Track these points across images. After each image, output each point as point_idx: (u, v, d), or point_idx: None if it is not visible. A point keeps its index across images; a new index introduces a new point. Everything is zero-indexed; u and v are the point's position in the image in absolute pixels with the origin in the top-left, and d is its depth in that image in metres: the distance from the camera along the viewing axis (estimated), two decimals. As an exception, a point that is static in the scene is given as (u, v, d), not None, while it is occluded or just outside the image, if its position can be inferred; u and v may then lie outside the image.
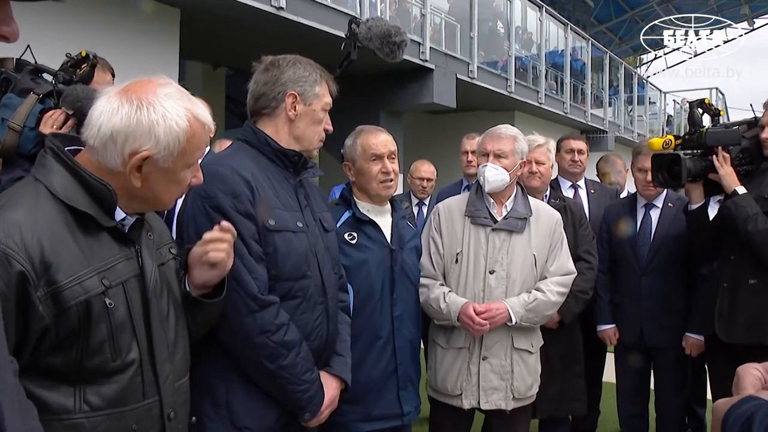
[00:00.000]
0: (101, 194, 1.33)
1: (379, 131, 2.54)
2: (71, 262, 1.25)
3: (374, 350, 2.39)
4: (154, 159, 1.34)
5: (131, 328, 1.35)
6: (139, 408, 1.36)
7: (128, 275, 1.36)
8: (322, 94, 1.96)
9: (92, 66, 2.01)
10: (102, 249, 1.32)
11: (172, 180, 1.41)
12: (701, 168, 2.87)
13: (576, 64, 14.78)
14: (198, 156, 1.43)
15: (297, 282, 1.88)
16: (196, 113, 1.40)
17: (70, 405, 1.26)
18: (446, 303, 2.62)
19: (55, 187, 1.30)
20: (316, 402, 1.88)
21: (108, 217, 1.35)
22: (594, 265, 3.33)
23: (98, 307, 1.27)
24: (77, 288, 1.24)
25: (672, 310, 3.30)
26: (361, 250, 2.41)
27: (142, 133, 1.32)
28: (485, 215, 2.71)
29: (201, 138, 1.41)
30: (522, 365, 2.70)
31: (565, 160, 4.03)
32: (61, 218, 1.28)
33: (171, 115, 1.35)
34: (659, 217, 3.40)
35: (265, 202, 1.84)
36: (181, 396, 1.49)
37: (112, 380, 1.31)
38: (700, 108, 2.96)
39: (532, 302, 2.64)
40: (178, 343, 1.50)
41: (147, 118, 1.32)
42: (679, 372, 3.42)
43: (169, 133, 1.34)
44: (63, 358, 1.25)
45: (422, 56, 8.79)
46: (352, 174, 2.54)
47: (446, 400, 2.71)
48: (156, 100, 1.34)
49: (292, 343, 1.82)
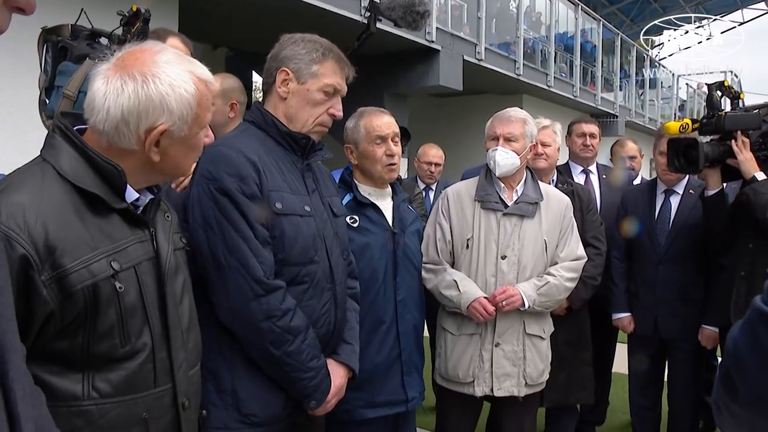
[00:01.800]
0: (111, 175, 1.31)
1: (382, 112, 2.53)
2: (78, 245, 1.24)
3: (378, 335, 2.40)
4: (170, 131, 1.33)
5: (143, 313, 1.34)
6: (150, 396, 1.35)
7: (141, 258, 1.35)
8: (321, 74, 1.92)
9: (145, 21, 1.96)
10: (113, 231, 1.31)
11: (189, 147, 1.40)
12: (719, 153, 2.86)
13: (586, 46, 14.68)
14: (209, 116, 1.43)
15: (304, 267, 1.87)
16: (199, 74, 1.38)
17: (78, 391, 1.25)
18: (459, 292, 2.63)
19: (64, 168, 1.29)
20: (322, 390, 1.89)
21: (118, 199, 1.33)
22: (602, 251, 3.33)
23: (107, 291, 1.26)
24: (84, 272, 1.23)
25: (689, 301, 3.28)
26: (362, 233, 2.42)
27: (155, 108, 1.31)
28: (496, 200, 2.72)
29: (208, 98, 1.40)
30: (534, 351, 2.72)
31: (576, 145, 3.99)
32: (68, 200, 1.26)
33: (178, 83, 1.33)
34: (679, 204, 3.36)
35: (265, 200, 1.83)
36: (194, 385, 1.49)
37: (122, 366, 1.30)
38: (719, 90, 2.93)
39: (543, 285, 2.66)
40: (192, 330, 1.50)
41: (156, 92, 1.31)
42: (693, 365, 3.39)
43: (181, 101, 1.33)
44: (69, 343, 1.24)
45: (428, 37, 8.73)
46: (354, 157, 2.53)
47: (457, 388, 2.73)
48: (158, 70, 1.32)
49: (299, 329, 1.82)
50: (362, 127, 2.48)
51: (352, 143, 2.52)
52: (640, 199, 3.50)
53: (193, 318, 1.52)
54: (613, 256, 3.47)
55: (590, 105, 14.38)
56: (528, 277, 2.68)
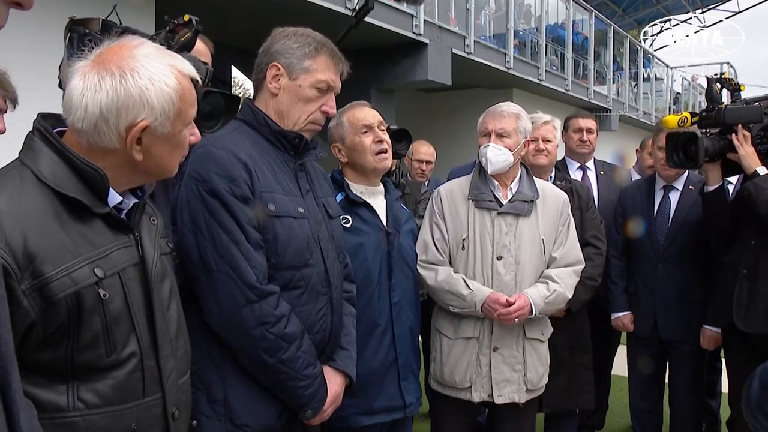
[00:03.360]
0: (93, 179, 1.31)
1: (363, 104, 2.56)
2: (59, 253, 1.23)
3: (373, 339, 2.41)
4: (152, 128, 1.33)
5: (129, 321, 1.34)
6: (138, 406, 1.35)
7: (126, 264, 1.36)
8: (313, 70, 1.93)
9: (195, 33, 1.95)
10: (95, 237, 1.31)
11: (173, 144, 1.40)
12: (719, 147, 2.89)
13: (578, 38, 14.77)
14: (193, 112, 1.42)
15: (299, 271, 1.88)
16: (181, 68, 1.38)
17: (62, 403, 1.25)
18: (470, 290, 2.63)
19: (43, 173, 1.28)
20: (318, 399, 1.90)
21: (101, 203, 1.33)
22: (602, 251, 3.36)
23: (91, 299, 1.26)
24: (66, 279, 1.23)
25: (689, 301, 3.32)
26: (356, 233, 2.43)
27: (134, 103, 1.30)
28: (490, 198, 2.73)
29: (192, 93, 1.40)
30: (534, 355, 2.74)
31: (573, 140, 4.02)
32: (48, 206, 1.26)
33: (158, 77, 1.33)
34: (678, 201, 3.40)
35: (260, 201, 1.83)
36: (184, 394, 1.50)
37: (108, 376, 1.31)
38: (718, 83, 2.96)
39: (551, 294, 2.68)
40: (180, 338, 1.50)
41: (135, 86, 1.30)
42: (695, 367, 3.43)
43: (162, 96, 1.33)
44: (53, 353, 1.24)
45: (415, 30, 8.74)
46: (343, 155, 2.54)
47: (453, 393, 2.74)
48: (137, 64, 1.32)
49: (293, 336, 1.82)
50: (345, 121, 2.50)
51: (338, 140, 2.53)
52: (638, 196, 3.53)
53: (181, 324, 1.52)
54: (610, 254, 3.49)
55: (583, 99, 14.48)
56: (527, 278, 2.70)
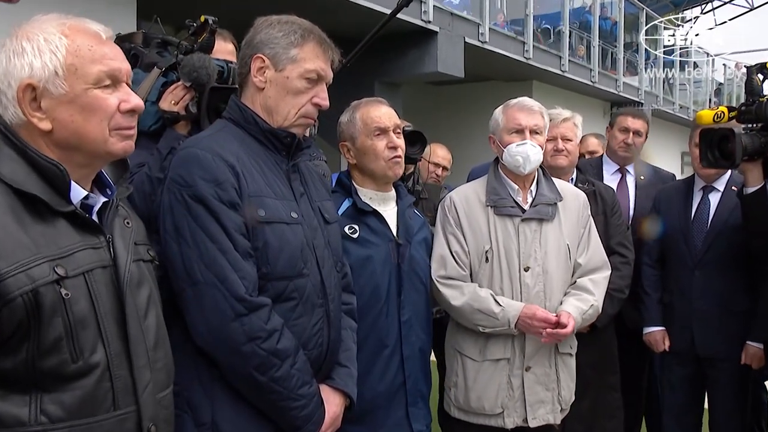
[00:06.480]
0: (53, 175, 1.37)
1: (380, 102, 2.58)
2: (13, 250, 1.28)
3: (380, 361, 2.43)
4: (42, 87, 1.38)
5: (95, 325, 1.38)
6: (109, 419, 1.38)
7: (93, 265, 1.40)
8: (300, 59, 1.94)
9: (211, 32, 2.12)
10: (58, 236, 1.36)
11: (82, 107, 1.41)
12: (760, 144, 2.89)
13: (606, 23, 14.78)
14: (101, 69, 1.42)
15: (292, 281, 1.90)
16: (75, 23, 1.43)
17: (24, 416, 1.28)
18: (501, 307, 2.61)
19: (2, 170, 1.34)
20: (314, 421, 1.91)
21: (64, 201, 1.39)
22: (630, 260, 3.36)
23: (51, 298, 1.30)
24: (21, 276, 1.27)
25: (731, 313, 3.27)
26: (363, 245, 2.45)
27: (15, 65, 1.37)
28: (511, 204, 2.73)
29: (95, 50, 1.42)
30: (566, 371, 2.77)
31: (616, 140, 3.98)
32: (5, 203, 1.32)
33: (37, 35, 1.39)
34: (719, 203, 3.38)
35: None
36: (164, 410, 1.53)
37: (75, 386, 1.34)
38: (759, 74, 2.95)
39: (588, 310, 2.71)
40: (159, 349, 1.53)
41: (12, 47, 1.38)
42: (738, 389, 3.36)
43: (41, 51, 1.38)
44: (12, 359, 1.28)
45: (424, 17, 8.78)
46: (351, 156, 2.57)
47: (481, 420, 2.72)
48: (26, 27, 1.41)
49: (286, 352, 1.84)
50: (359, 119, 2.52)
51: (348, 139, 2.55)
52: (674, 198, 3.52)
53: (161, 336, 1.56)
54: (643, 262, 3.50)
55: (611, 92, 14.49)
56: (556, 289, 2.71)
